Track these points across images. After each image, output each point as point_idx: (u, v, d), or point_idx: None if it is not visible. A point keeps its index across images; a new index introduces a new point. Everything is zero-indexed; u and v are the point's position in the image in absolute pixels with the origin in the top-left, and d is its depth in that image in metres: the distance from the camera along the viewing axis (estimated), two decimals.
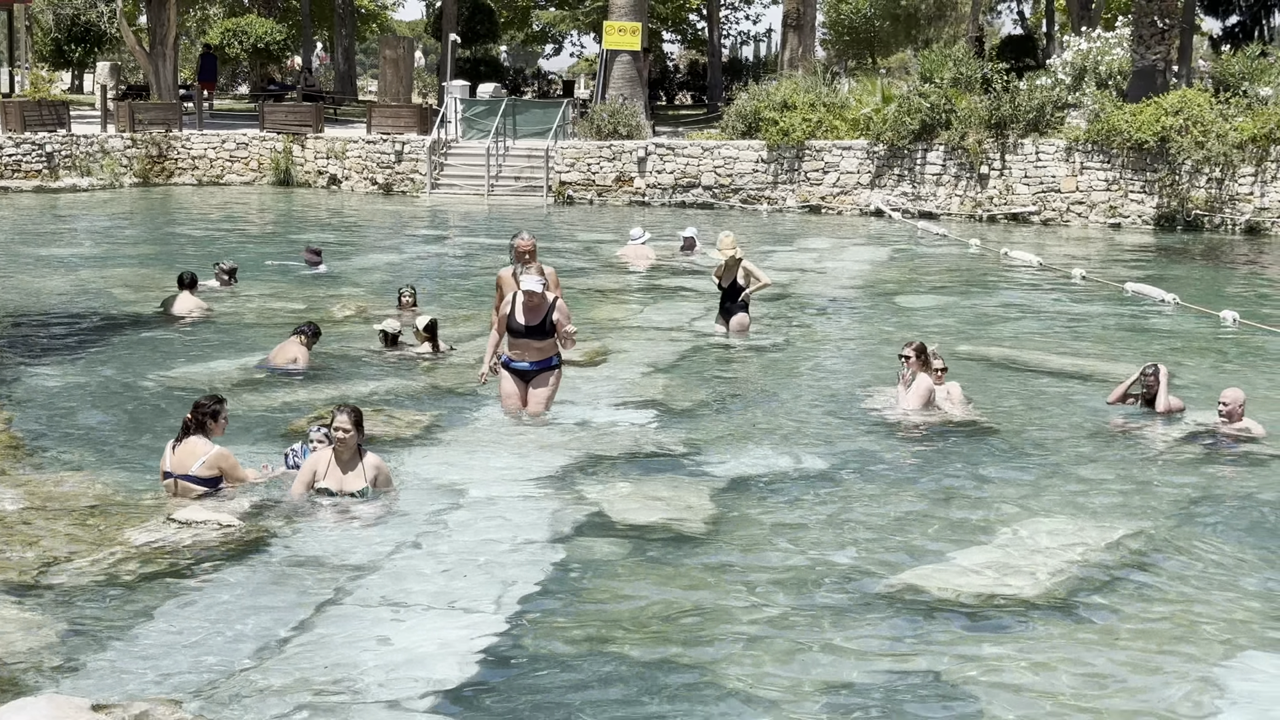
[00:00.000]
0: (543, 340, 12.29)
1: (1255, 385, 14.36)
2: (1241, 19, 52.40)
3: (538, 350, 12.35)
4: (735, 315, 17.08)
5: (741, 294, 17.05)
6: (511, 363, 12.44)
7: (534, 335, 12.24)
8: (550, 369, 12.47)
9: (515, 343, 12.33)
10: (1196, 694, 7.36)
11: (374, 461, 10.02)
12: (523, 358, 12.37)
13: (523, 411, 12.41)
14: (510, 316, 12.28)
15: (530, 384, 12.46)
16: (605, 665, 7.53)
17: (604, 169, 35.50)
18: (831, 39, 67.00)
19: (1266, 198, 30.96)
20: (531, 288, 12.06)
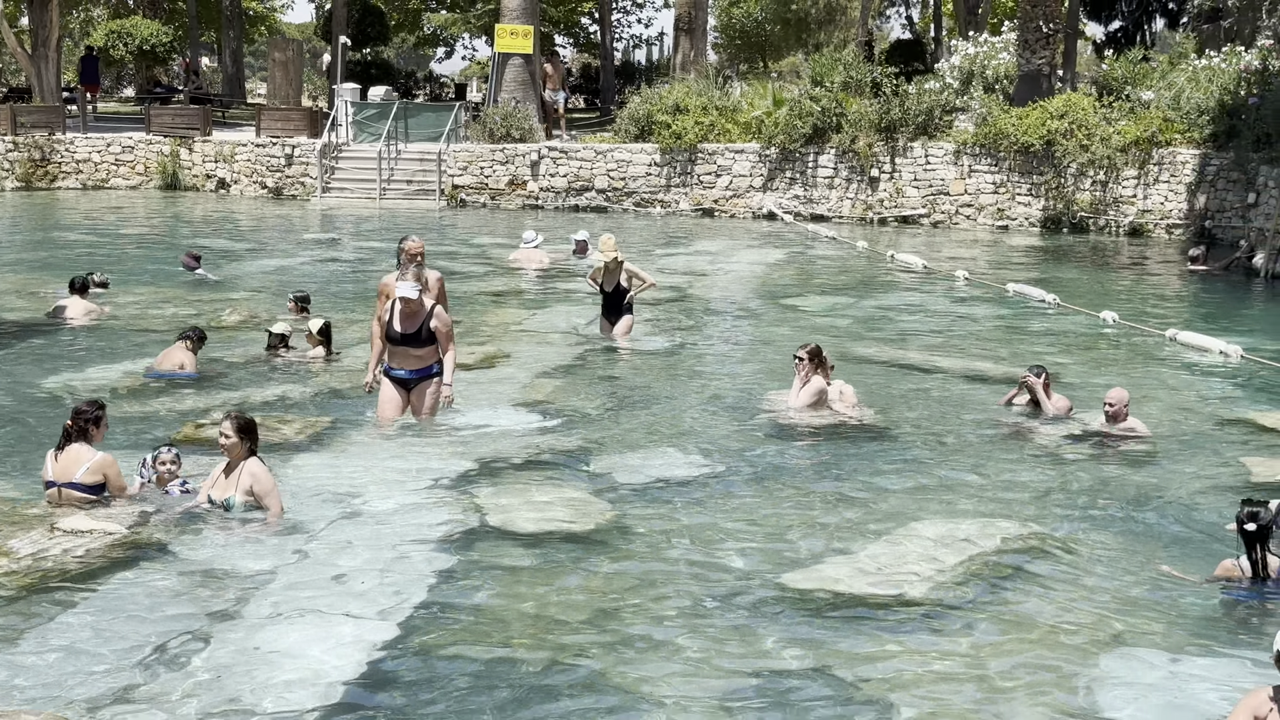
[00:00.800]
0: (421, 348, 12.12)
1: (1135, 384, 14.63)
2: (1124, 24, 53.32)
3: (417, 358, 12.17)
4: (621, 319, 17.06)
5: (626, 296, 17.03)
6: (391, 370, 12.25)
7: (412, 343, 12.08)
8: (431, 377, 12.26)
9: (394, 350, 12.17)
10: (1083, 690, 7.47)
11: (252, 471, 9.74)
12: (402, 365, 12.20)
13: (399, 420, 12.25)
14: (389, 324, 12.11)
15: (411, 392, 12.28)
16: (500, 670, 7.50)
17: (497, 172, 35.39)
18: (723, 43, 67.32)
19: (1149, 200, 31.56)
20: (406, 294, 11.91)
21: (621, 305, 17.04)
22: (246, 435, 9.74)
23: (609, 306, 17.10)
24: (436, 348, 12.16)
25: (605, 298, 17.12)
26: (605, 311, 17.18)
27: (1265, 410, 14.13)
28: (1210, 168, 30.55)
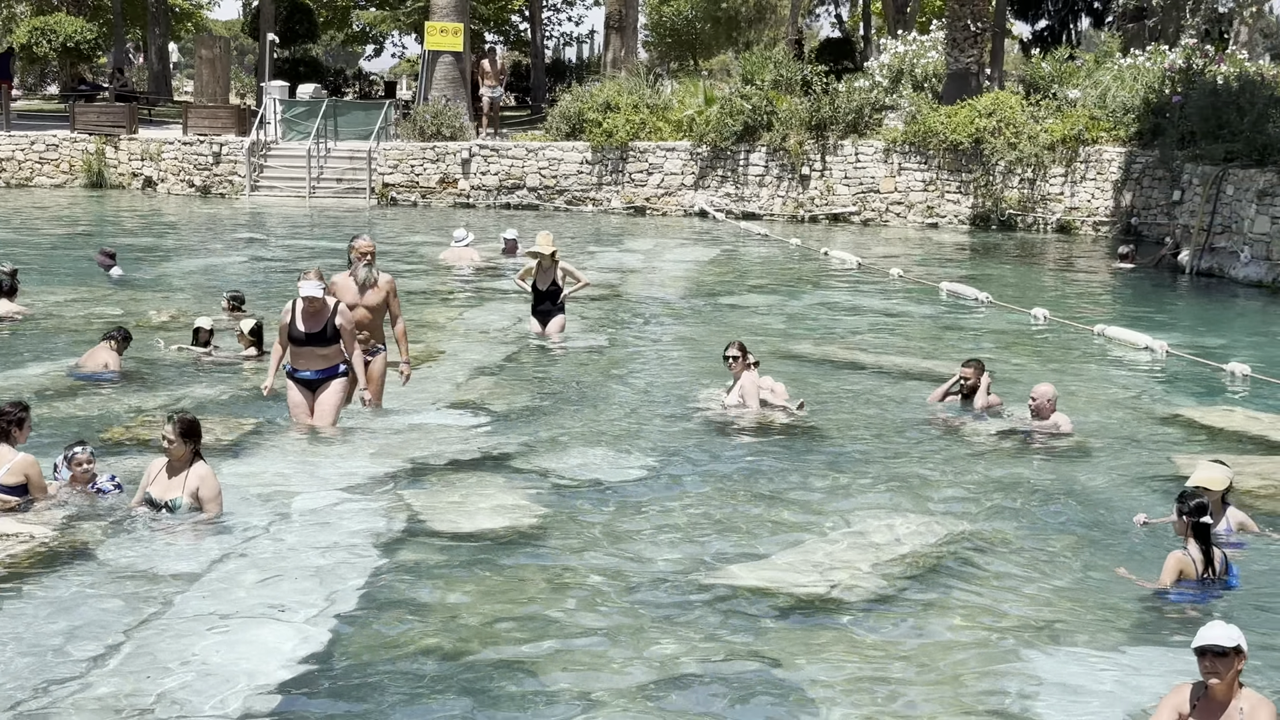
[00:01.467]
0: (326, 347, 11.86)
1: (1064, 380, 14.75)
2: (1050, 23, 53.88)
3: (322, 358, 11.90)
4: (554, 317, 16.98)
5: (561, 295, 16.97)
6: (296, 372, 11.98)
7: (316, 342, 11.83)
8: (336, 376, 12.00)
9: (298, 351, 11.90)
10: (1014, 686, 7.51)
11: (200, 474, 9.63)
12: (307, 366, 11.94)
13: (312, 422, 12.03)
14: (291, 324, 11.84)
15: (315, 393, 12.00)
16: (432, 671, 7.44)
17: (428, 170, 35.21)
18: (654, 41, 67.34)
19: (1076, 197, 31.87)
20: (311, 293, 11.69)
21: (554, 304, 16.96)
22: (190, 437, 9.60)
23: (541, 305, 16.99)
24: (340, 347, 11.89)
25: (538, 296, 17.01)
26: (537, 310, 17.07)
27: (1190, 405, 14.29)
28: (1136, 165, 30.89)
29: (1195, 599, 8.57)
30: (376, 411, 12.51)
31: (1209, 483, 9.45)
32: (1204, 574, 8.68)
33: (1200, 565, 8.68)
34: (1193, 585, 8.66)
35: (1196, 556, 8.71)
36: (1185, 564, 8.68)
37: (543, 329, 16.98)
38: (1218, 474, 9.60)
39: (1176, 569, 8.67)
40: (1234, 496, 9.90)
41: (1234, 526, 9.56)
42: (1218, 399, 14.80)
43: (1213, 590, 8.66)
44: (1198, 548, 8.73)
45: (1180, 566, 8.68)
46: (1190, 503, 8.85)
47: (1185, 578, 8.66)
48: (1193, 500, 8.87)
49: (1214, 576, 8.70)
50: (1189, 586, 8.66)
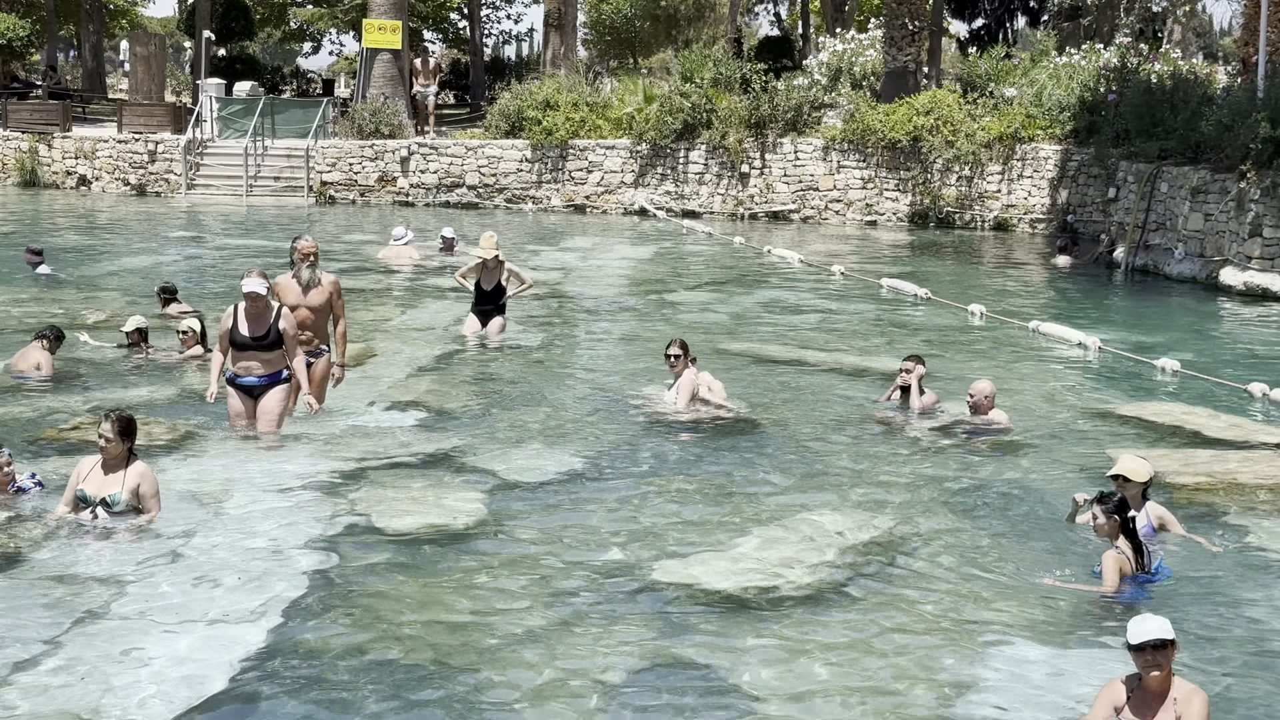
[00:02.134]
0: (270, 352, 11.42)
1: (1001, 377, 14.85)
2: (987, 22, 54.22)
3: (265, 363, 11.47)
4: (494, 318, 16.90)
5: (503, 296, 16.91)
6: (238, 378, 11.55)
7: (259, 347, 11.38)
8: (280, 383, 11.59)
9: (240, 356, 11.44)
10: (953, 681, 7.55)
11: (140, 471, 9.51)
12: (249, 372, 11.50)
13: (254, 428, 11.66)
14: (233, 328, 11.39)
15: (258, 400, 11.59)
16: (374, 672, 7.39)
17: (366, 169, 35.05)
18: (593, 39, 67.33)
19: (1013, 195, 32.11)
20: (254, 288, 11.28)
21: (496, 305, 16.89)
22: (127, 435, 9.49)
23: (483, 305, 16.92)
24: (283, 352, 11.51)
25: (481, 296, 16.91)
26: (478, 310, 16.99)
27: (1123, 401, 14.43)
28: (1072, 163, 31.16)
29: (1130, 595, 8.64)
30: (317, 412, 12.39)
31: (1130, 473, 9.52)
32: (1136, 570, 8.75)
33: (1133, 561, 8.75)
34: (1127, 581, 8.73)
35: (1129, 553, 8.77)
36: (1123, 562, 8.73)
37: (481, 328, 16.89)
38: (1139, 466, 9.66)
39: (1117, 569, 8.70)
40: (1154, 490, 9.96)
41: (1154, 521, 9.59)
42: (1150, 394, 14.95)
43: (1144, 586, 8.73)
44: (1128, 544, 8.79)
45: (1119, 565, 8.71)
46: (1114, 501, 8.91)
47: (1125, 574, 8.71)
48: (1116, 498, 8.94)
49: (1146, 569, 8.78)
50: (1125, 583, 8.73)
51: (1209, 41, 65.00)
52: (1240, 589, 8.98)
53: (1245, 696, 7.38)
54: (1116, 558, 8.72)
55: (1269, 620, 8.45)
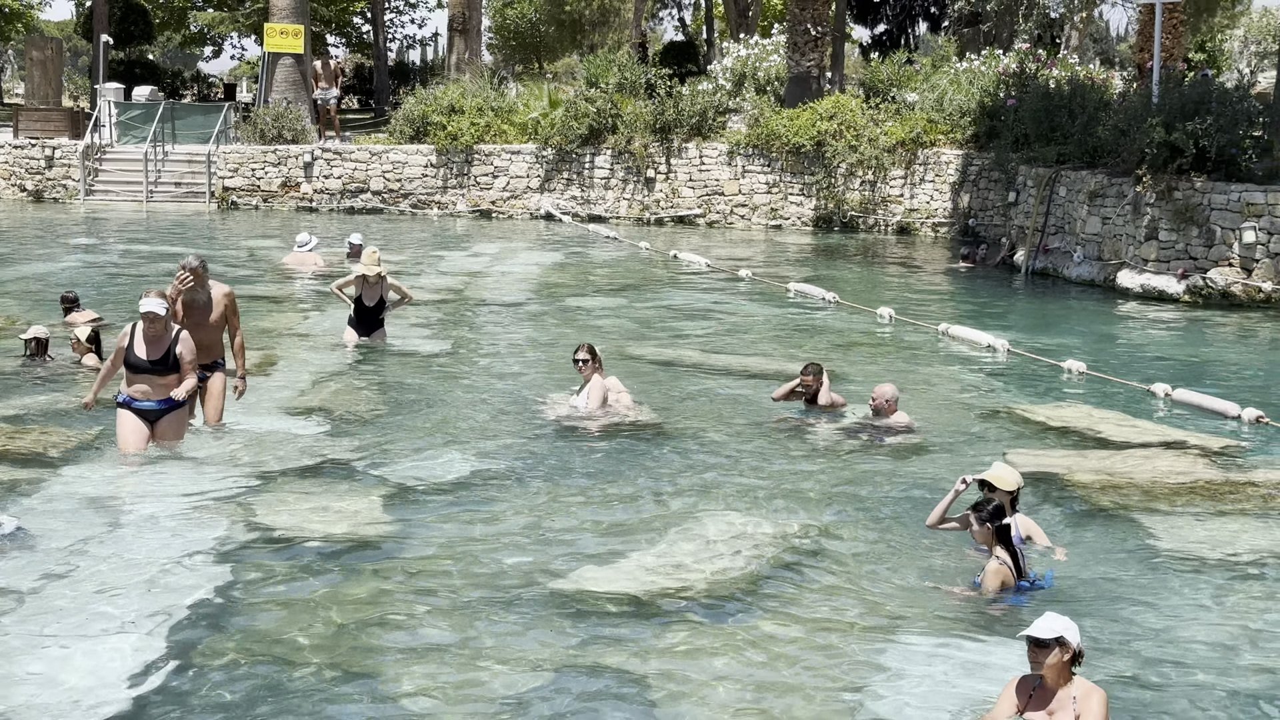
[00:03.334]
0: (167, 376, 10.96)
1: (909, 379, 15.00)
2: (889, 27, 54.80)
3: (162, 387, 11.00)
4: (373, 332, 16.53)
5: (384, 311, 16.58)
6: (133, 402, 11.04)
7: (156, 370, 10.92)
8: (177, 407, 11.14)
9: (136, 379, 10.95)
10: (857, 681, 7.62)
11: None
12: (147, 396, 11.01)
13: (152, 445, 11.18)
14: (129, 349, 10.90)
15: (155, 425, 11.12)
16: (274, 681, 7.32)
17: (269, 174, 34.72)
18: (498, 43, 67.19)
19: (915, 199, 32.45)
20: (152, 308, 10.77)
21: (377, 319, 16.59)
22: None
23: (364, 319, 16.56)
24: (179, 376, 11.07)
25: (362, 311, 16.54)
26: (358, 324, 16.57)
27: (1029, 402, 14.63)
28: (973, 167, 31.53)
29: (1016, 601, 8.73)
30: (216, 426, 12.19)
31: (997, 480, 9.48)
32: (1017, 579, 8.81)
33: (1013, 570, 8.81)
34: (1010, 590, 8.80)
35: (1009, 562, 8.79)
36: (1005, 574, 8.74)
37: (361, 338, 16.52)
38: (1007, 474, 9.62)
39: (999, 581, 8.71)
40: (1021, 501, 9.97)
41: (1021, 531, 9.59)
42: (1057, 396, 15.16)
43: (1027, 592, 8.81)
44: (1005, 552, 8.80)
45: (1002, 578, 8.71)
46: (988, 508, 8.95)
47: (1006, 586, 8.74)
48: (990, 506, 8.98)
49: (1024, 576, 8.83)
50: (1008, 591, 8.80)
51: (1106, 47, 66.07)
52: (1139, 587, 9.13)
53: (1144, 694, 7.52)
54: (999, 570, 8.73)
55: (1167, 618, 8.60)
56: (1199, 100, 22.39)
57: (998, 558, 8.79)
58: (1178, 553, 9.74)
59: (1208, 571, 9.41)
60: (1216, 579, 9.28)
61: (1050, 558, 9.47)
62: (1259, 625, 8.52)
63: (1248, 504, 10.89)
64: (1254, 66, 45.83)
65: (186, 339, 11.05)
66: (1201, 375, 16.23)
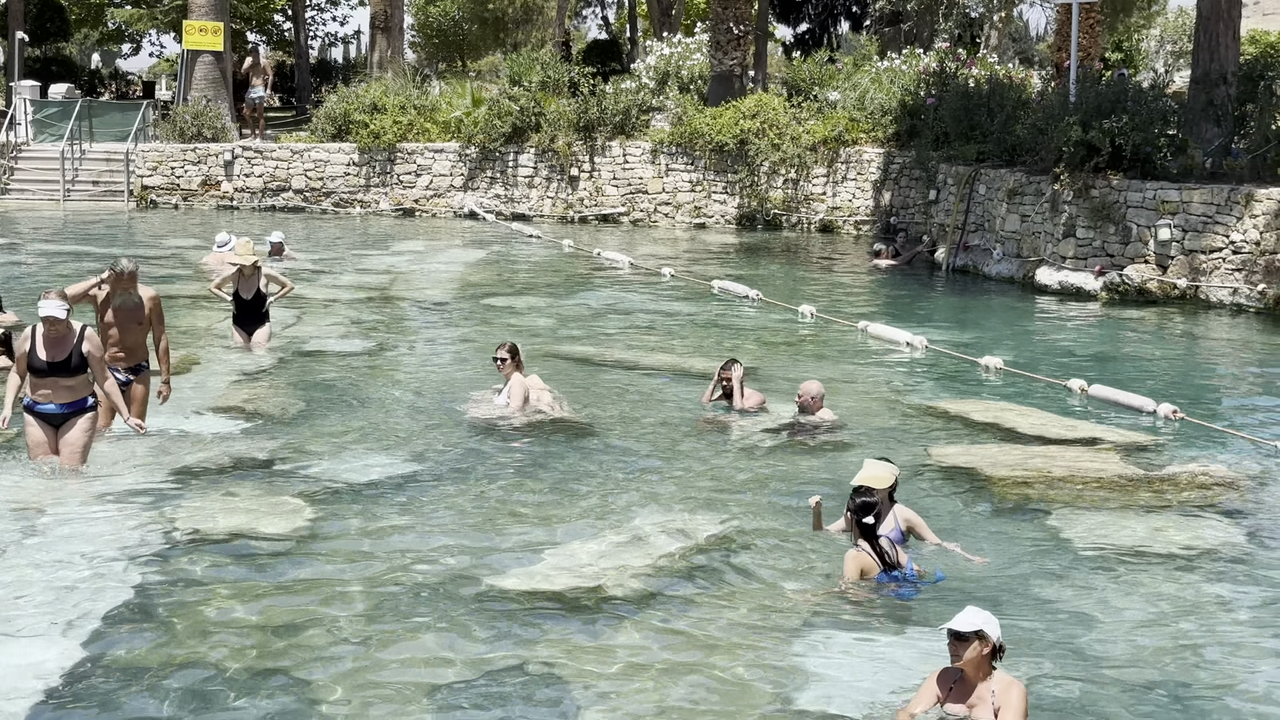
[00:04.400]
0: (71, 378, 10.59)
1: (830, 376, 15.10)
2: (811, 26, 55.09)
3: (67, 389, 10.62)
4: (260, 327, 16.34)
5: (265, 304, 16.41)
6: (36, 406, 10.66)
7: (60, 372, 10.53)
8: (83, 411, 10.77)
9: (39, 382, 10.57)
10: (780, 675, 7.67)
11: None
12: (49, 399, 10.62)
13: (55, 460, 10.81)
14: (31, 352, 10.52)
15: (59, 430, 10.75)
16: (196, 683, 7.27)
17: (189, 172, 34.39)
18: (421, 41, 66.81)
19: (838, 197, 32.63)
20: (51, 313, 10.37)
21: (259, 313, 16.39)
22: None
23: (245, 315, 16.34)
24: (88, 377, 10.72)
25: (242, 306, 16.32)
26: (241, 320, 16.36)
27: (949, 398, 14.77)
28: (894, 166, 31.75)
29: (898, 594, 8.79)
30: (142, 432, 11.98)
31: (872, 481, 9.47)
32: (883, 569, 8.88)
33: (876, 560, 8.91)
34: (884, 579, 8.86)
35: (870, 551, 8.93)
36: (864, 561, 8.87)
37: (247, 340, 16.30)
38: (882, 472, 9.63)
39: (856, 567, 8.86)
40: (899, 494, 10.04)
41: (901, 524, 9.62)
42: (975, 392, 15.31)
43: (904, 584, 8.88)
44: (868, 545, 8.94)
45: (859, 565, 8.86)
46: (855, 501, 9.08)
47: (867, 574, 8.84)
48: (857, 499, 9.11)
49: (896, 566, 8.91)
50: (884, 581, 8.85)
51: (1025, 47, 66.76)
52: (1056, 581, 9.25)
53: (1063, 687, 7.61)
54: (856, 556, 8.90)
55: (1083, 612, 8.72)
56: (1115, 99, 22.70)
57: (857, 545, 8.95)
58: (1094, 547, 9.88)
59: (1124, 566, 9.54)
60: (1133, 573, 9.42)
61: (947, 556, 9.54)
62: (1174, 619, 8.66)
63: (1162, 498, 11.05)
64: (1169, 66, 46.49)
65: (93, 336, 10.75)
66: (1118, 371, 16.45)
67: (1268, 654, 8.13)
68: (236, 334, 16.39)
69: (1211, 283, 21.16)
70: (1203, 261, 21.29)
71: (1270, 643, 8.30)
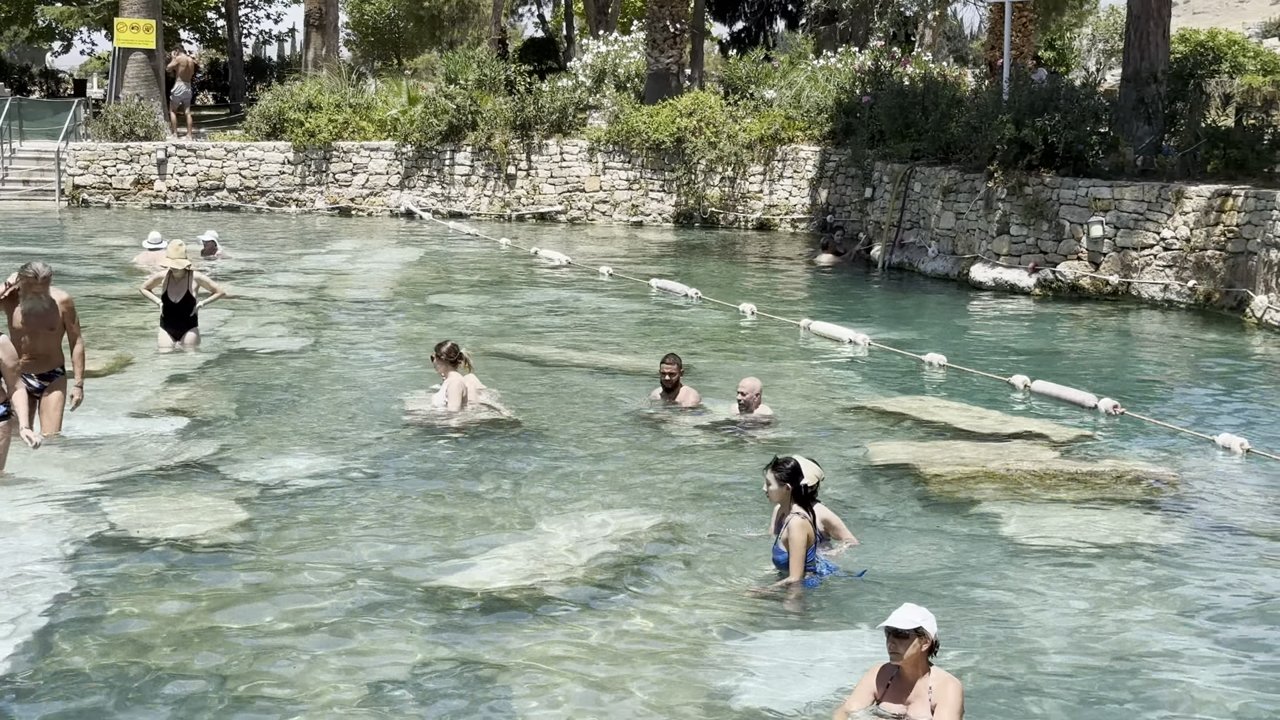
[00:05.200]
0: None
1: (772, 374, 15.15)
2: (747, 25, 55.22)
3: None
4: (188, 331, 16.13)
5: (194, 308, 16.19)
6: None
7: None
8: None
9: None
10: (716, 672, 7.69)
11: None
12: None
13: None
14: None
15: None
16: (129, 685, 7.20)
17: (121, 171, 34.04)
18: (356, 39, 66.41)
19: (774, 195, 32.74)
20: None
21: (188, 316, 16.16)
22: None
23: (173, 318, 16.10)
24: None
25: (170, 309, 16.10)
26: (168, 323, 16.12)
27: (886, 395, 14.85)
28: (830, 164, 31.88)
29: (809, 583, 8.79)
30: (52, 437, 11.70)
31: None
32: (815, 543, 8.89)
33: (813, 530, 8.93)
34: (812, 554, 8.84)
35: (808, 515, 8.93)
36: (808, 527, 8.83)
37: (175, 343, 16.08)
38: (806, 469, 9.49)
39: (805, 534, 8.79)
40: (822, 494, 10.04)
41: (819, 524, 9.49)
42: (918, 389, 15.40)
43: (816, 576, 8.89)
44: (802, 508, 8.93)
45: (807, 531, 8.80)
46: (786, 467, 8.95)
47: (811, 541, 8.83)
48: (789, 465, 8.96)
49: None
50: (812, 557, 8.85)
51: (960, 45, 67.20)
52: (995, 576, 9.32)
53: (998, 682, 7.67)
54: (803, 524, 8.81)
55: (1018, 605, 8.79)
56: (1047, 97, 22.91)
57: (798, 514, 8.87)
58: (1031, 541, 9.96)
59: (1060, 559, 9.63)
60: (1069, 567, 9.51)
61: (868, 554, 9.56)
62: (1109, 612, 8.74)
63: (1099, 492, 11.16)
64: (1101, 64, 46.94)
65: (5, 344, 10.36)
66: (1054, 367, 16.60)
67: (1200, 645, 8.22)
68: (164, 336, 16.15)
69: (1143, 279, 21.40)
70: (1134, 258, 21.53)
71: (1203, 635, 8.40)
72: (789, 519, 8.88)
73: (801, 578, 8.77)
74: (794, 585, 8.76)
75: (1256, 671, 7.87)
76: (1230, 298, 20.27)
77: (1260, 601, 9.00)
